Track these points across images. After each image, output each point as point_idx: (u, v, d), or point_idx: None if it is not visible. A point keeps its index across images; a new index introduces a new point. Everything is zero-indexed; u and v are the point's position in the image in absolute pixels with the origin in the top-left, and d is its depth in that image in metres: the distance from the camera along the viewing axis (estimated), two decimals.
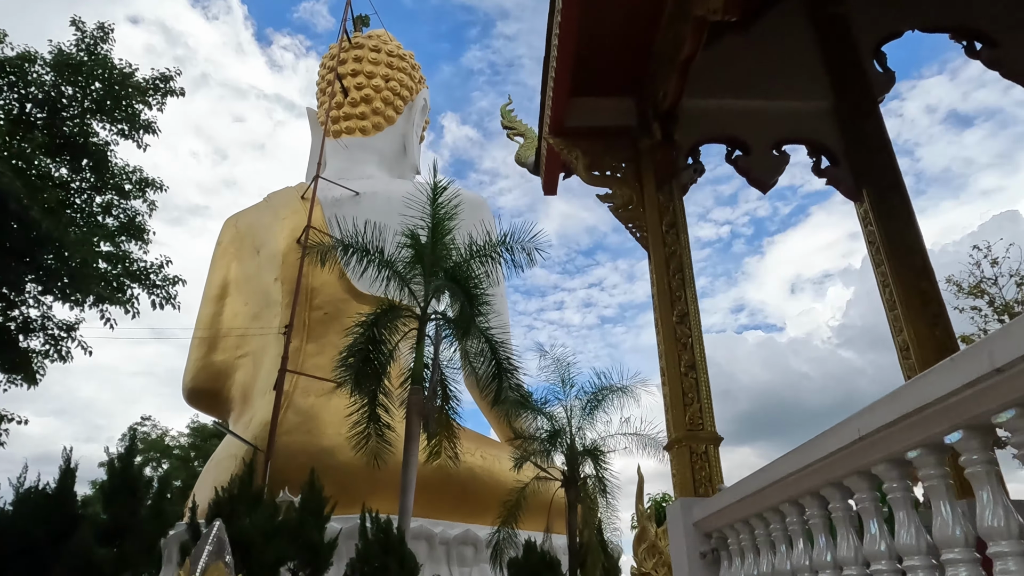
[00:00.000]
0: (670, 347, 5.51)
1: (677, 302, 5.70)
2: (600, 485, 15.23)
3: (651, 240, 6.04)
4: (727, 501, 4.27)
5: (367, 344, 13.37)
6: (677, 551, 4.83)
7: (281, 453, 16.41)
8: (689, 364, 5.44)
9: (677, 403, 5.30)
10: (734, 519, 4.22)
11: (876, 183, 6.24)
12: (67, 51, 14.50)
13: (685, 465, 5.07)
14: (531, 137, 8.24)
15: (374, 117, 24.74)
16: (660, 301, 5.74)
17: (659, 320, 5.70)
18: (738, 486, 4.13)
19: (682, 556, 4.72)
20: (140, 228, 15.59)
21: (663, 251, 5.92)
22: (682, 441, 5.15)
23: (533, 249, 15.05)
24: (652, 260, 5.97)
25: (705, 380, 5.41)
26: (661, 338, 5.62)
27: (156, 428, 37.65)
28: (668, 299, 5.71)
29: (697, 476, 5.04)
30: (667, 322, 5.62)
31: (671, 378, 5.42)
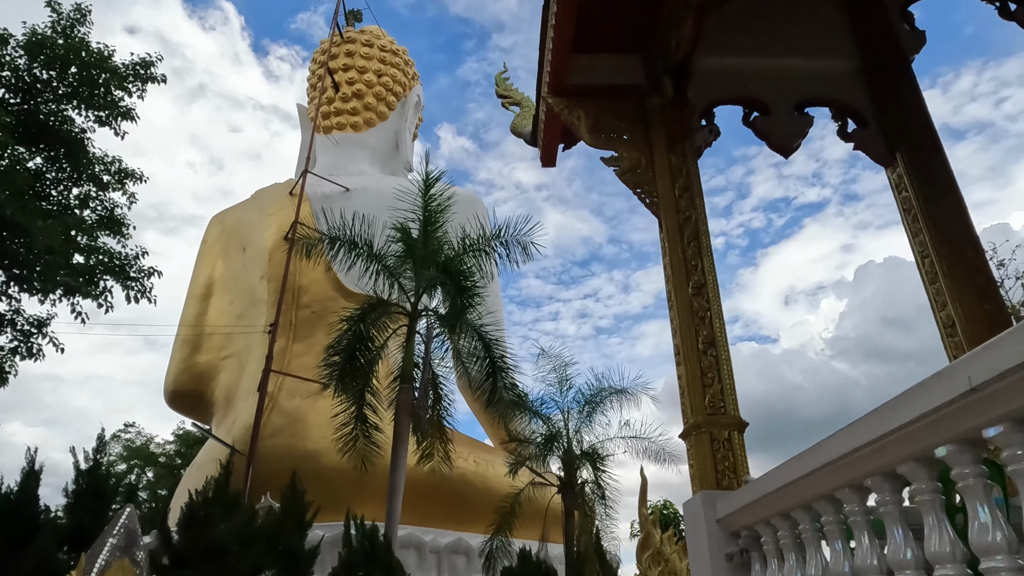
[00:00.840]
0: (686, 322, 4.87)
1: (693, 272, 5.06)
2: (599, 491, 14.53)
3: (662, 206, 5.40)
4: (758, 493, 3.61)
5: (354, 340, 12.68)
6: (698, 552, 4.17)
7: (265, 457, 15.66)
8: (708, 341, 4.80)
9: (695, 384, 4.65)
10: (769, 514, 3.56)
11: (911, 145, 5.64)
12: (42, 33, 13.86)
13: (705, 454, 4.41)
14: (527, 106, 7.62)
15: (366, 113, 24.14)
16: (674, 272, 5.10)
17: (673, 293, 5.06)
18: (773, 475, 3.48)
19: (704, 558, 4.06)
20: (118, 221, 14.91)
21: (676, 217, 5.28)
22: (701, 427, 4.50)
23: (529, 243, 14.43)
24: (664, 227, 5.33)
25: (726, 358, 4.76)
26: (675, 313, 4.98)
27: (141, 435, 36.75)
28: (683, 269, 5.07)
29: (719, 466, 4.38)
30: (682, 295, 4.98)
31: (687, 356, 4.77)
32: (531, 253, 14.55)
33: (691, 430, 4.57)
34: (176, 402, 20.48)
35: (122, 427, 36.93)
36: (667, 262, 5.23)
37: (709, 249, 5.18)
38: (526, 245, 14.47)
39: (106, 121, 14.45)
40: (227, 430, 17.26)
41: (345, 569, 10.60)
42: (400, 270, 14.07)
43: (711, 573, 3.94)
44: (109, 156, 15.15)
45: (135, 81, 15.06)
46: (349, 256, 13.86)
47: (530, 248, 14.50)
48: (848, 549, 2.95)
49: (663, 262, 5.39)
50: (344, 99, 23.95)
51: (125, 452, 35.72)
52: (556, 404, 15.67)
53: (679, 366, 4.92)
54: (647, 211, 5.75)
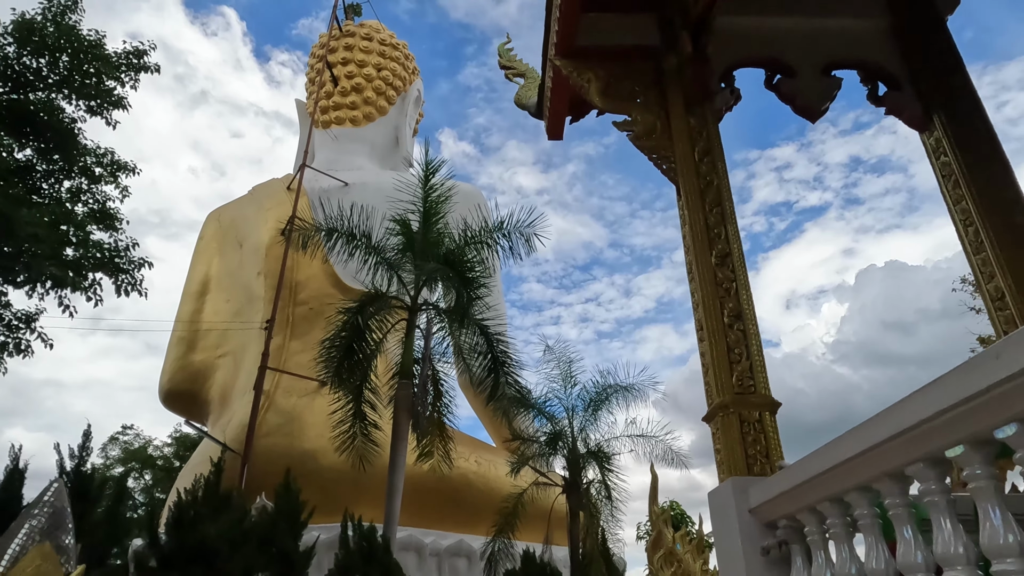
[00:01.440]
0: (709, 294, 4.43)
1: (716, 240, 4.63)
2: (604, 491, 14.05)
3: (681, 171, 4.97)
4: (801, 477, 3.17)
5: (351, 334, 12.24)
6: (728, 546, 3.71)
7: (260, 457, 15.21)
8: (734, 313, 4.35)
9: (721, 361, 4.20)
10: (814, 500, 3.11)
11: (951, 107, 5.20)
12: (31, 19, 13.47)
13: (734, 437, 3.96)
14: (532, 77, 7.21)
15: (365, 107, 23.72)
16: (695, 241, 4.66)
17: (694, 264, 4.62)
18: (819, 456, 3.03)
19: (735, 553, 3.61)
20: (111, 215, 14.49)
21: (696, 182, 4.85)
22: (728, 407, 4.05)
23: (532, 235, 14.01)
24: (682, 194, 4.90)
25: (755, 333, 4.31)
26: (697, 285, 4.54)
27: (139, 438, 36.28)
28: (705, 237, 4.63)
29: (750, 451, 3.93)
30: (704, 265, 4.54)
31: (712, 331, 4.32)
32: (534, 245, 14.15)
33: (717, 411, 4.12)
34: (171, 401, 20.03)
35: (120, 429, 36.48)
36: (687, 231, 4.79)
37: (733, 216, 4.75)
38: (529, 237, 14.05)
39: (97, 110, 14.04)
40: (222, 429, 16.80)
41: (341, 571, 10.14)
42: (400, 262, 13.64)
43: (744, 569, 3.49)
44: (101, 148, 14.73)
45: (128, 71, 14.65)
46: (347, 248, 13.43)
47: (533, 240, 14.10)
48: (918, 536, 2.51)
49: (682, 231, 4.96)
50: (343, 93, 23.55)
51: (123, 455, 35.26)
52: (560, 402, 15.22)
53: (702, 342, 4.47)
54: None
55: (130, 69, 14.70)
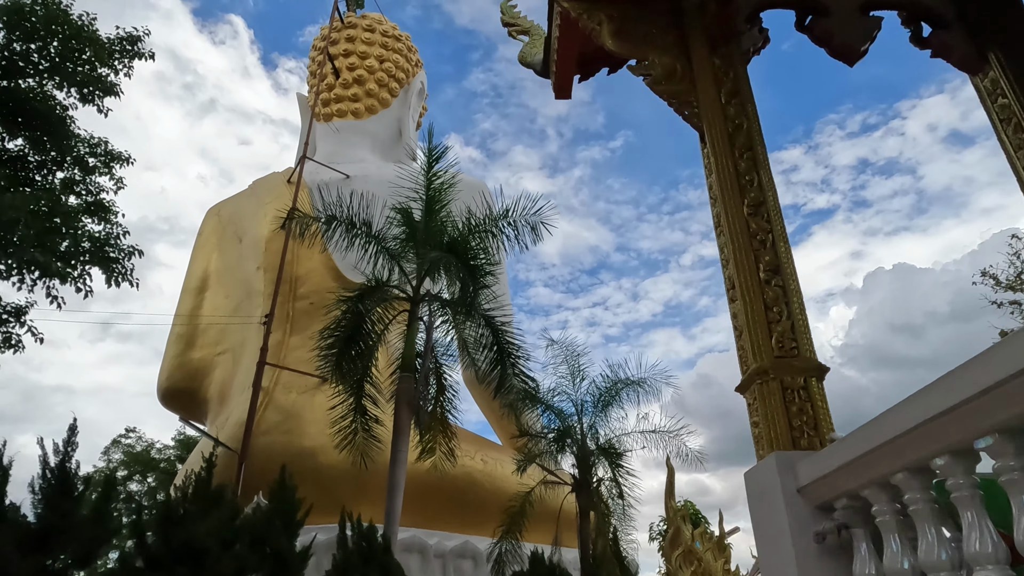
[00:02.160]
0: (742, 247, 3.87)
1: (749, 188, 4.07)
2: (616, 489, 13.45)
3: (705, 114, 4.42)
4: (865, 447, 2.61)
5: (351, 323, 11.73)
6: (772, 532, 3.15)
7: (258, 455, 14.69)
8: (771, 268, 3.79)
9: (758, 321, 3.64)
10: (884, 474, 2.56)
11: (1007, 43, 4.63)
12: (21, 2, 13.05)
13: (775, 407, 3.40)
14: (537, 34, 6.67)
15: (367, 99, 23.26)
16: (723, 190, 4.10)
17: (723, 215, 4.06)
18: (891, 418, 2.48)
19: (781, 540, 3.04)
20: (105, 206, 14.04)
21: (724, 126, 4.29)
22: (768, 373, 3.49)
23: (539, 223, 13.47)
24: (709, 140, 4.34)
25: (795, 289, 3.75)
26: (727, 239, 3.98)
27: (141, 441, 35.89)
28: (735, 185, 4.08)
29: (794, 422, 3.37)
30: (736, 215, 3.98)
31: (746, 288, 3.76)
32: (540, 234, 13.62)
33: (754, 378, 3.56)
34: (169, 400, 19.55)
35: (123, 432, 36.11)
36: (714, 180, 4.24)
37: (766, 162, 4.19)
38: (535, 225, 13.53)
39: (89, 97, 13.61)
40: (219, 428, 16.31)
41: (339, 572, 9.60)
42: (401, 251, 13.13)
43: (793, 559, 2.92)
44: (94, 138, 14.31)
45: (121, 57, 14.23)
46: (346, 237, 12.93)
47: (540, 228, 13.57)
48: None
49: (708, 182, 4.40)
50: (344, 85, 23.10)
51: (125, 458, 34.87)
52: (568, 396, 14.64)
53: (734, 302, 3.91)
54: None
55: (123, 56, 14.28)
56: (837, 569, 2.86)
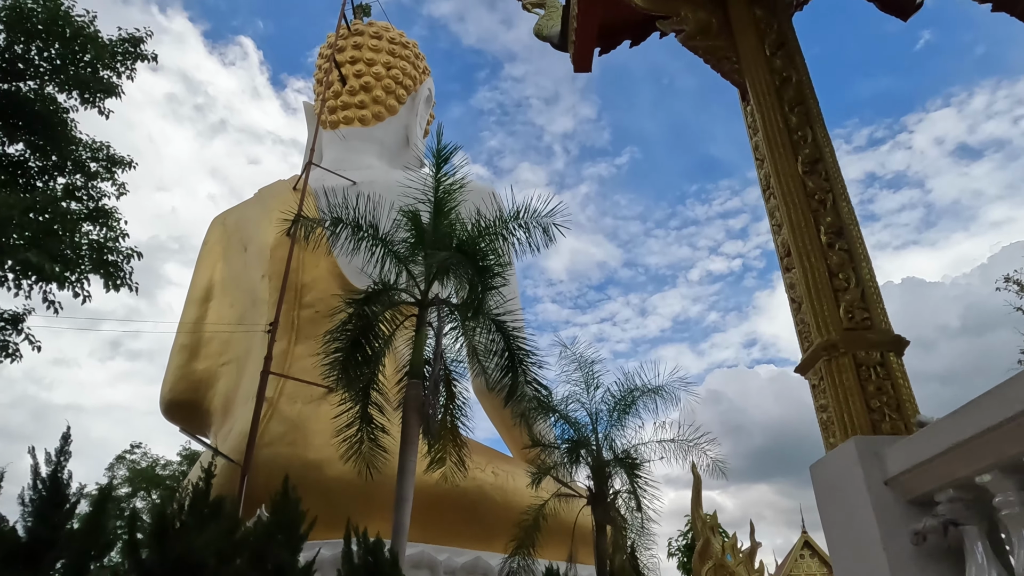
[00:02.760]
0: (798, 209, 3.39)
1: (802, 145, 3.60)
2: (634, 501, 12.84)
3: (748, 68, 3.96)
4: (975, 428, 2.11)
5: (357, 327, 11.28)
6: (854, 531, 2.64)
7: (261, 467, 14.19)
8: (834, 230, 3.31)
9: (822, 290, 3.16)
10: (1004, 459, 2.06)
11: None
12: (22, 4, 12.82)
13: (849, 386, 2.90)
14: (553, 6, 6.26)
15: (374, 106, 22.98)
16: (772, 148, 3.63)
17: (773, 175, 3.58)
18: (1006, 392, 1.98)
19: (867, 541, 2.53)
20: (107, 212, 13.71)
21: (770, 79, 3.83)
22: (837, 348, 2.99)
23: (551, 224, 13.03)
24: (753, 95, 3.88)
25: (863, 254, 3.27)
26: (780, 200, 3.50)
27: (147, 457, 35.40)
28: (786, 142, 3.60)
29: (873, 402, 2.87)
30: (789, 174, 3.50)
31: (805, 254, 3.28)
32: (553, 236, 13.18)
33: (819, 355, 3.06)
34: (172, 412, 19.08)
35: (128, 448, 35.63)
36: (760, 139, 3.76)
37: (820, 117, 3.71)
38: (547, 227, 13.09)
39: (89, 99, 13.33)
40: (223, 440, 15.83)
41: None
42: (409, 255, 12.70)
43: (886, 566, 2.41)
44: (96, 142, 14.02)
45: (123, 59, 13.96)
46: (352, 239, 12.52)
47: (552, 230, 13.13)
48: None
49: (752, 142, 3.93)
50: (351, 92, 22.83)
51: (130, 474, 34.37)
52: (583, 405, 14.09)
53: (790, 272, 3.42)
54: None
55: (126, 58, 14.02)
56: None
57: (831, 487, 2.82)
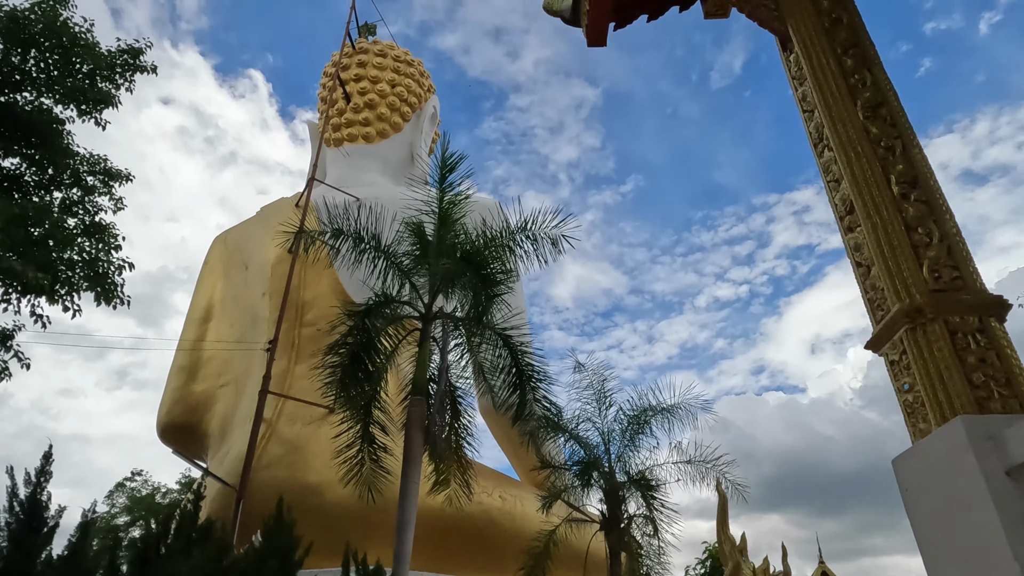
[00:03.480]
0: (862, 158, 2.88)
1: (860, 89, 3.10)
2: (651, 526, 12.14)
3: (791, 12, 3.48)
4: None
5: (358, 340, 10.76)
6: (964, 537, 2.08)
7: (258, 491, 13.57)
8: (908, 180, 2.80)
9: (899, 247, 2.63)
10: None
11: None
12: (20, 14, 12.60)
13: (943, 357, 2.36)
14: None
15: (379, 123, 22.73)
16: (825, 95, 3.14)
17: (828, 125, 3.08)
18: None
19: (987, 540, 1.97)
20: (103, 227, 13.34)
21: (818, 21, 3.35)
22: (924, 312, 2.46)
23: (560, 236, 12.56)
24: (798, 41, 3.40)
25: (945, 206, 2.74)
26: (838, 151, 2.99)
27: (147, 484, 34.67)
28: (842, 86, 3.11)
29: (974, 376, 2.32)
30: (847, 121, 3.01)
31: (874, 207, 2.76)
32: (562, 248, 12.70)
33: (900, 323, 2.52)
34: (169, 436, 18.49)
35: (128, 475, 34.93)
36: (809, 87, 3.28)
37: (879, 60, 3.22)
38: (556, 239, 12.62)
39: (87, 111, 13.04)
40: (219, 463, 15.22)
41: None
42: (414, 268, 12.23)
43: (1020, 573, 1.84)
44: (93, 155, 13.73)
45: (122, 71, 13.71)
46: (354, 252, 12.07)
47: (560, 242, 12.66)
48: None
49: (798, 93, 3.44)
50: (356, 109, 22.62)
51: (129, 502, 33.62)
52: (594, 425, 13.46)
53: (851, 232, 2.91)
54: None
55: (125, 69, 13.77)
56: None
57: (928, 480, 2.26)
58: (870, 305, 2.76)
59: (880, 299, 2.68)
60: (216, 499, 13.93)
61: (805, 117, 3.35)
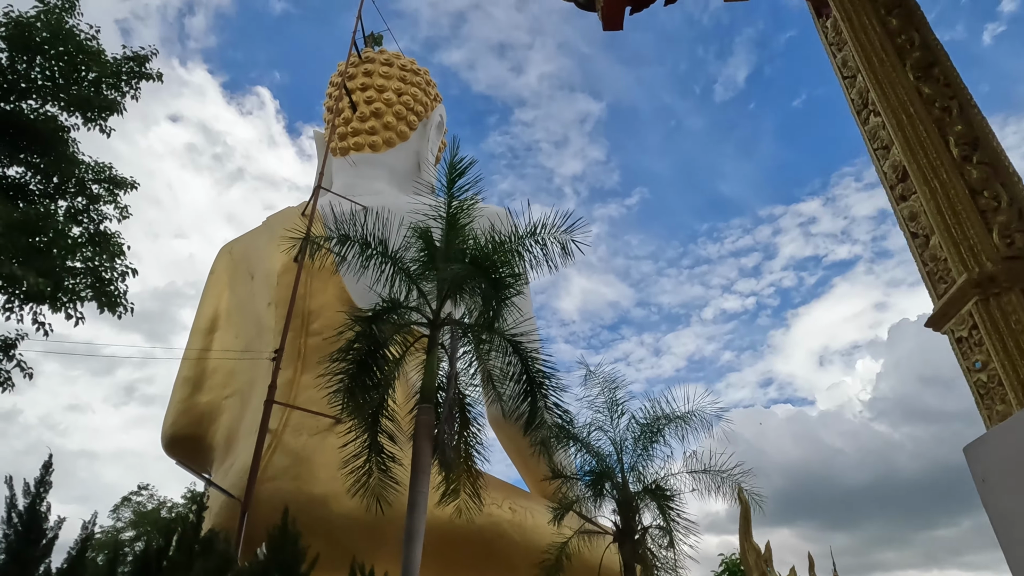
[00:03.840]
0: (916, 119, 2.65)
1: (909, 49, 2.87)
2: (666, 537, 11.78)
3: None
4: None
5: (365, 348, 10.52)
6: None
7: (264, 503, 13.29)
8: (968, 141, 2.55)
9: (964, 212, 2.40)
10: None
11: None
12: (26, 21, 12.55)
13: (1022, 329, 2.11)
14: None
15: (385, 132, 22.63)
16: (870, 57, 2.91)
17: (873, 88, 2.85)
18: None
19: None
20: (107, 236, 13.21)
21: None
22: (996, 282, 2.21)
23: (570, 241, 12.33)
24: (838, 3, 3.18)
25: (1011, 168, 2.49)
26: (888, 115, 2.75)
27: (153, 499, 34.37)
28: (888, 47, 2.88)
29: None
30: (897, 83, 2.77)
31: (932, 172, 2.53)
32: (572, 252, 12.47)
33: (968, 294, 2.27)
34: (173, 448, 18.24)
35: (134, 490, 34.65)
36: (850, 51, 3.04)
37: (926, 21, 2.98)
38: (566, 244, 12.39)
39: (92, 118, 12.95)
40: (224, 475, 14.95)
41: None
42: (421, 274, 12.01)
43: None
44: (98, 163, 13.63)
45: (128, 78, 13.63)
46: (360, 258, 11.86)
47: (570, 247, 12.43)
48: None
49: (837, 59, 3.20)
50: (362, 118, 22.53)
51: (134, 517, 33.31)
52: (606, 434, 13.14)
53: (905, 201, 2.66)
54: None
55: (131, 77, 13.69)
56: None
57: (1010, 468, 2.00)
58: (930, 279, 2.51)
59: (942, 271, 2.42)
60: (221, 512, 13.66)
61: (846, 84, 3.12)
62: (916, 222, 2.59)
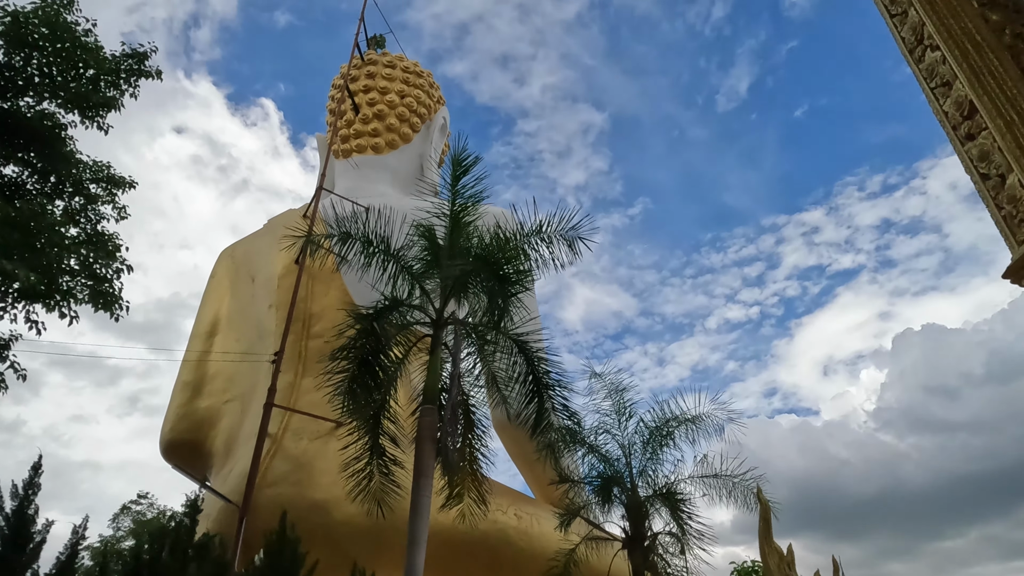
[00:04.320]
0: (983, 49, 2.36)
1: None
2: (677, 544, 11.40)
3: None
4: None
5: (366, 345, 10.22)
6: None
7: (263, 509, 12.94)
8: None
9: None
10: None
11: None
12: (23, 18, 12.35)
13: None
14: None
15: (388, 134, 22.39)
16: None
17: (930, 21, 2.55)
18: None
19: None
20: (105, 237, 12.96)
21: None
22: None
23: (576, 238, 12.03)
24: None
25: None
26: (948, 49, 2.48)
27: (153, 508, 33.99)
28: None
29: None
30: (959, 10, 2.47)
31: (1004, 104, 2.22)
32: (579, 250, 12.16)
33: None
34: (172, 453, 17.90)
35: (134, 498, 34.30)
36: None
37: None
38: (572, 241, 12.08)
39: (90, 116, 12.73)
40: (223, 481, 14.62)
41: None
42: (424, 272, 11.72)
43: None
44: (96, 162, 13.40)
45: (127, 77, 13.42)
46: (363, 256, 11.58)
47: (577, 244, 12.12)
48: None
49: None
50: (364, 120, 22.31)
51: (134, 525, 32.93)
52: (614, 437, 12.79)
53: (971, 141, 2.36)
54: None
55: (130, 74, 13.48)
56: None
57: None
58: (1007, 223, 2.20)
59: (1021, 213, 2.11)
60: (220, 518, 13.32)
61: (895, 22, 2.82)
62: (987, 161, 2.28)
